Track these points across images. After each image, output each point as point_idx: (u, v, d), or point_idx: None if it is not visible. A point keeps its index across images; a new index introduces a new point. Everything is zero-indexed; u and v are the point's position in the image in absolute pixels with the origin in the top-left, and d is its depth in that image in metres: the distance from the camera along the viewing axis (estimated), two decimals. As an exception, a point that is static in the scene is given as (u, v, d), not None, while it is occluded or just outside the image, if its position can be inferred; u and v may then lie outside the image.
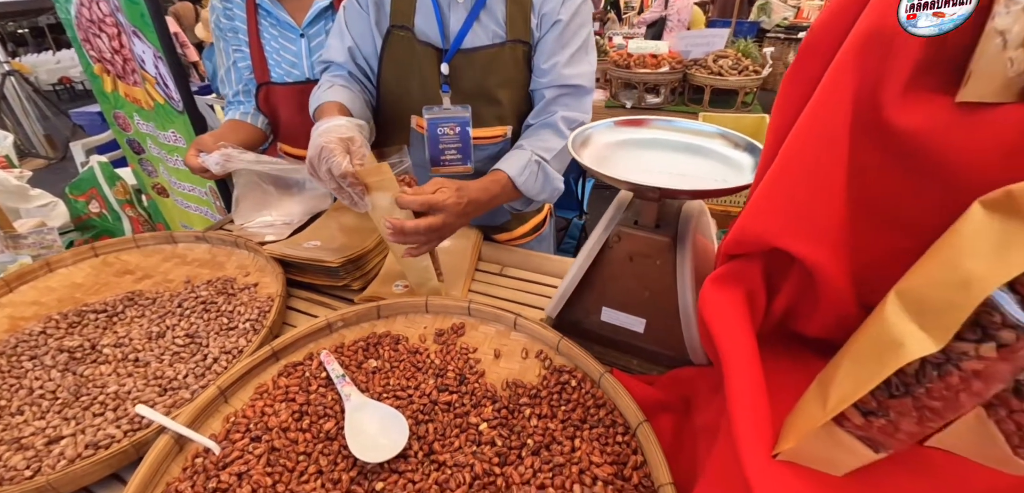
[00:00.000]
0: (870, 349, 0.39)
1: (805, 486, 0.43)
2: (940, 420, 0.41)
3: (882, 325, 0.39)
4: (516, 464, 0.73)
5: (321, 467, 0.73)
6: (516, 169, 1.11)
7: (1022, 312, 0.32)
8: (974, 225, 0.33)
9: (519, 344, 0.92)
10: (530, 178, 1.12)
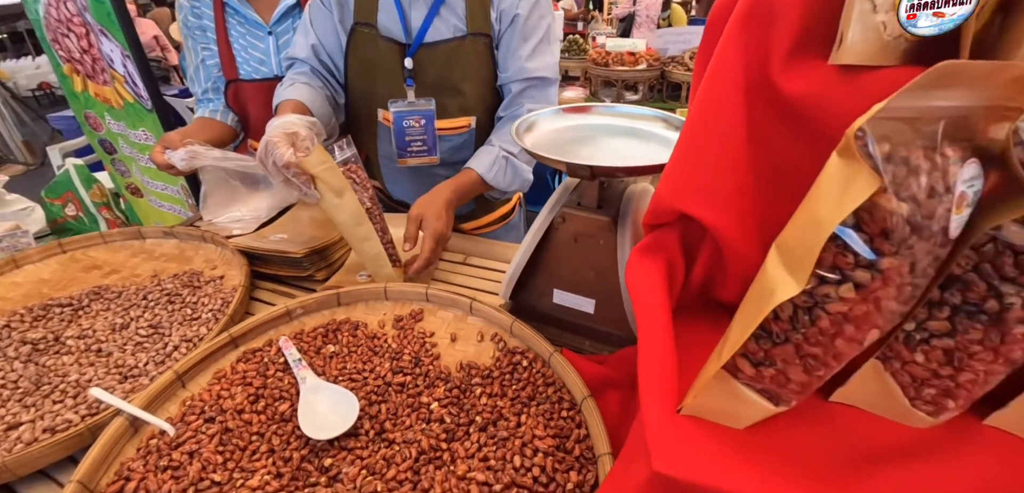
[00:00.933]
0: (753, 299, 0.42)
1: (705, 439, 0.45)
2: (826, 368, 0.43)
3: (762, 275, 0.41)
4: (463, 440, 0.75)
5: (273, 446, 0.75)
6: (485, 166, 1.18)
7: (868, 249, 0.34)
8: (828, 172, 0.35)
9: (475, 328, 0.95)
10: (499, 173, 1.19)
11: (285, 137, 0.90)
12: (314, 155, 0.90)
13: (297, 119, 0.94)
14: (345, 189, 0.94)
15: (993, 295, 0.40)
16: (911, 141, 0.33)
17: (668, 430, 0.44)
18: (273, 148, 0.88)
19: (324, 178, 0.91)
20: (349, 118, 1.30)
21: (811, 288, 0.37)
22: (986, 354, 0.43)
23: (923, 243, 0.35)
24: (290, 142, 0.91)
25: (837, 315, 0.38)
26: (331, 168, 0.91)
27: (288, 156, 0.88)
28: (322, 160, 0.90)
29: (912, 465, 0.46)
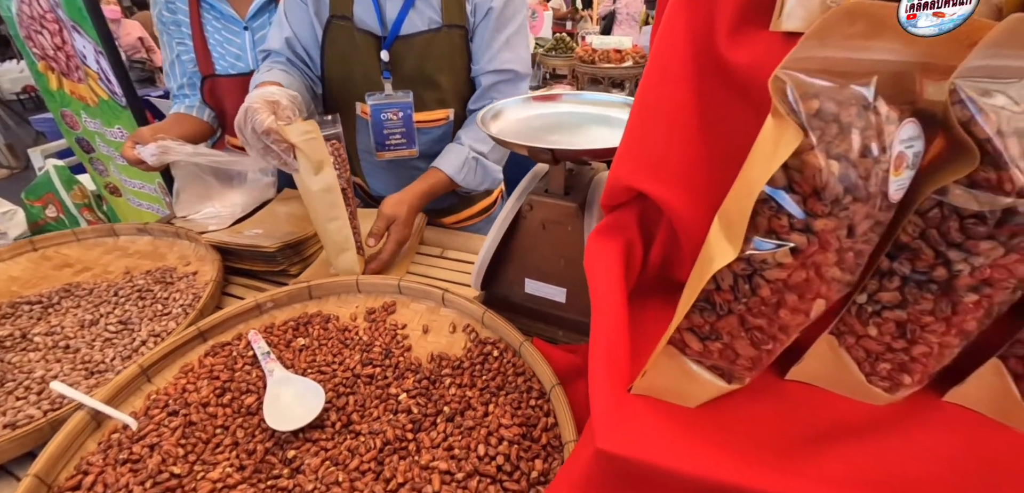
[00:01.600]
0: (697, 271, 0.41)
1: (653, 417, 0.44)
2: (774, 342, 0.42)
3: (705, 246, 0.40)
4: (429, 430, 0.74)
5: (237, 439, 0.74)
6: (454, 167, 1.18)
7: (800, 209, 0.33)
8: (762, 134, 0.34)
9: (448, 319, 0.94)
10: (469, 174, 1.19)
11: (266, 104, 0.89)
12: (297, 124, 0.88)
13: (276, 89, 0.93)
14: (325, 163, 0.92)
15: (941, 262, 0.39)
16: (843, 99, 0.32)
17: (614, 408, 0.43)
18: (253, 114, 0.86)
19: (305, 149, 0.89)
20: (327, 112, 1.29)
21: (748, 254, 0.36)
22: (938, 325, 0.42)
23: (860, 205, 0.34)
24: (271, 110, 0.89)
25: (777, 283, 0.37)
26: (313, 140, 0.89)
27: (268, 122, 0.86)
28: (305, 130, 0.88)
29: (868, 442, 0.45)
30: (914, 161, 0.36)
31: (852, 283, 0.40)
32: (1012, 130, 0.34)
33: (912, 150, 0.35)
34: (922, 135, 0.35)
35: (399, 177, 1.28)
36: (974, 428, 0.47)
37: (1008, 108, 0.34)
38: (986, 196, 0.36)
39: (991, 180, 0.35)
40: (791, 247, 0.34)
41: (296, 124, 0.88)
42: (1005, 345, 0.45)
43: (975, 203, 0.36)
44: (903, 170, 0.35)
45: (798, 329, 0.42)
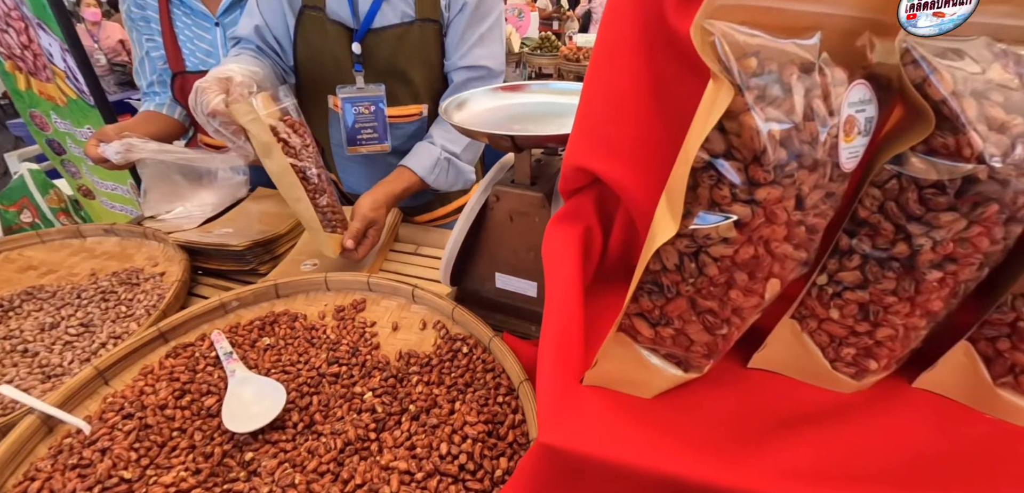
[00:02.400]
0: (644, 251, 0.38)
1: (604, 409, 0.42)
2: (729, 326, 0.40)
3: (652, 224, 0.38)
4: (393, 429, 0.72)
5: (195, 442, 0.71)
6: (425, 168, 1.16)
7: (739, 176, 0.31)
8: (703, 99, 0.32)
9: (418, 316, 0.91)
10: (441, 175, 1.17)
11: (216, 82, 0.84)
12: (242, 104, 0.82)
13: (234, 66, 0.89)
14: (272, 147, 0.87)
15: (902, 238, 0.37)
16: (785, 57, 0.30)
17: (562, 400, 0.41)
18: (202, 94, 0.82)
19: (253, 131, 0.84)
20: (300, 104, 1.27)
21: (692, 230, 0.33)
22: (902, 306, 0.40)
23: (807, 173, 0.31)
24: (222, 88, 0.84)
25: (724, 260, 0.35)
26: (255, 121, 0.83)
27: (215, 103, 0.81)
28: (248, 111, 0.82)
29: (832, 431, 0.43)
30: (867, 127, 0.33)
31: (808, 261, 0.38)
32: (969, 91, 0.32)
33: (864, 114, 0.33)
34: (874, 99, 0.33)
35: (372, 174, 1.26)
36: (944, 414, 0.45)
37: (964, 68, 0.32)
38: (945, 164, 0.34)
39: (949, 146, 0.33)
40: (734, 220, 0.32)
41: (242, 104, 0.83)
42: (973, 327, 0.43)
43: (934, 172, 0.34)
44: (855, 136, 0.32)
45: (754, 312, 0.39)
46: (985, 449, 0.42)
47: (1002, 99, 0.32)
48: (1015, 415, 0.44)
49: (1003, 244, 0.38)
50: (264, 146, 0.87)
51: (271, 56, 1.19)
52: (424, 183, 1.16)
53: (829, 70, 0.31)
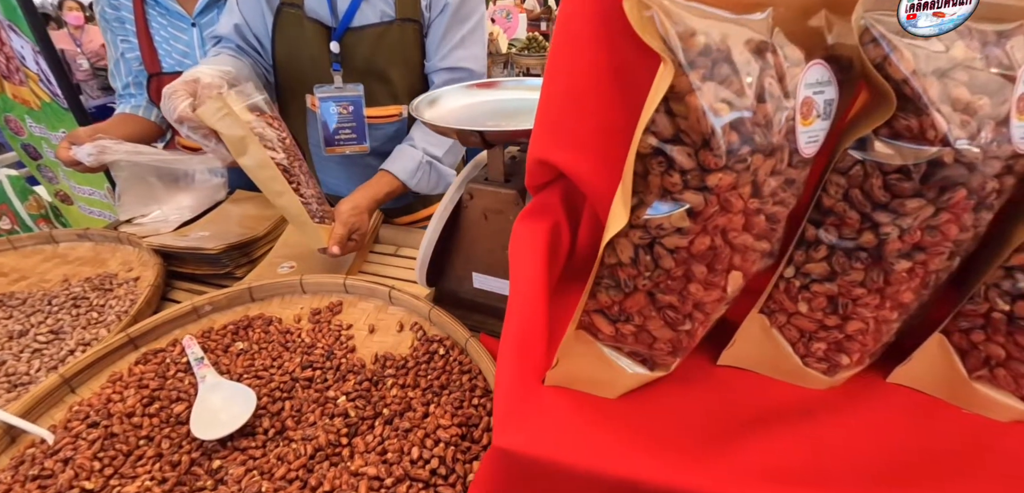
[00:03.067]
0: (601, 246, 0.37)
1: (564, 410, 0.40)
2: (692, 322, 0.38)
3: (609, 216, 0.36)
4: (365, 434, 0.70)
5: (162, 450, 0.69)
6: (407, 172, 1.14)
7: (690, 161, 0.29)
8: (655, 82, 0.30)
9: (396, 318, 0.89)
10: (423, 179, 1.16)
11: (184, 86, 0.82)
12: (210, 104, 0.79)
13: (203, 67, 0.86)
14: (248, 141, 0.83)
15: (868, 227, 0.36)
16: (734, 35, 0.28)
17: (520, 402, 0.39)
18: (169, 100, 0.79)
19: (222, 130, 0.80)
20: (279, 104, 1.25)
21: (645, 220, 0.32)
22: (871, 298, 0.38)
23: (763, 158, 0.30)
24: (189, 91, 0.82)
25: (680, 252, 0.33)
26: (227, 117, 0.80)
27: (182, 108, 0.78)
28: (218, 109, 0.79)
29: (802, 429, 0.41)
30: (826, 109, 0.32)
31: (773, 252, 0.37)
32: (931, 70, 0.31)
33: (823, 96, 0.31)
34: (834, 80, 0.31)
35: (352, 175, 1.24)
36: (919, 410, 0.43)
37: (927, 47, 0.31)
38: (909, 147, 0.32)
39: (913, 128, 0.32)
40: (687, 208, 0.30)
41: (209, 104, 0.80)
42: (947, 318, 0.41)
43: (898, 156, 0.33)
44: (813, 119, 0.31)
45: (718, 307, 0.38)
46: (961, 446, 0.41)
47: (967, 78, 0.31)
48: (992, 409, 0.42)
49: (973, 232, 0.36)
50: (237, 142, 0.84)
51: (251, 54, 1.17)
52: (406, 187, 1.14)
53: (783, 49, 0.29)
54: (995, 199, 0.35)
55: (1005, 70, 0.32)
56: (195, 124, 0.81)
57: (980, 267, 0.40)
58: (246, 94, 0.86)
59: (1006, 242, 0.38)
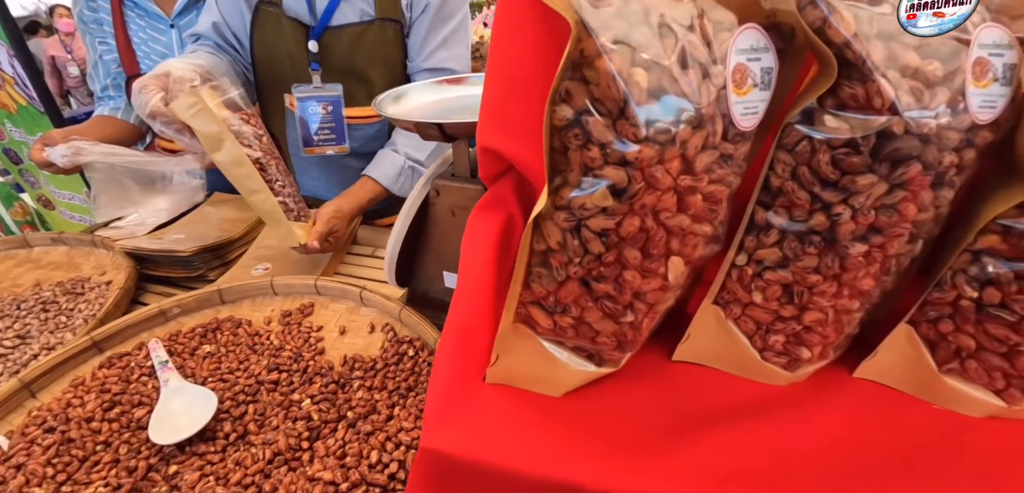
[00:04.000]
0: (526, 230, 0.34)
1: (504, 410, 0.38)
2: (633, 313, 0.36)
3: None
4: (327, 437, 0.68)
5: (119, 456, 0.67)
6: (389, 178, 1.13)
7: (606, 133, 0.27)
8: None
9: (367, 319, 0.87)
10: (405, 183, 1.14)
11: (154, 80, 0.80)
12: (183, 98, 0.78)
13: (174, 61, 0.85)
14: (222, 137, 0.82)
15: (819, 208, 0.33)
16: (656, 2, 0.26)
17: (455, 400, 0.37)
18: (141, 94, 0.78)
19: (196, 126, 0.78)
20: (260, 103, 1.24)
21: (568, 200, 0.29)
22: (828, 286, 0.36)
23: (691, 130, 0.27)
24: (161, 86, 0.80)
25: (608, 234, 0.30)
26: (202, 112, 0.78)
27: (154, 102, 0.77)
28: (191, 104, 0.77)
29: (760, 427, 0.39)
30: (765, 79, 0.29)
31: (717, 237, 0.34)
32: (876, 32, 0.28)
33: (759, 64, 0.29)
34: (772, 47, 0.29)
35: (331, 176, 1.22)
36: (887, 406, 0.40)
37: (871, 8, 0.28)
38: (856, 117, 0.30)
39: (859, 97, 0.29)
40: (608, 185, 0.28)
41: (182, 98, 0.78)
42: (913, 308, 0.39)
43: (846, 128, 0.30)
44: (749, 88, 0.28)
45: (661, 296, 0.35)
46: (930, 444, 0.38)
47: (916, 42, 0.29)
48: (964, 404, 0.40)
49: (934, 212, 0.34)
50: (212, 138, 0.81)
51: (230, 52, 1.16)
52: (388, 192, 1.13)
53: (711, 13, 0.27)
54: (956, 175, 0.33)
55: (959, 33, 0.29)
56: (168, 119, 0.79)
57: (947, 251, 0.37)
58: (221, 89, 0.84)
59: (971, 224, 0.35)
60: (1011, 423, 0.39)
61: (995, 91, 0.31)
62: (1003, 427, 0.39)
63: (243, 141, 0.86)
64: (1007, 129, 0.33)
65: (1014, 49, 0.31)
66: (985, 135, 0.32)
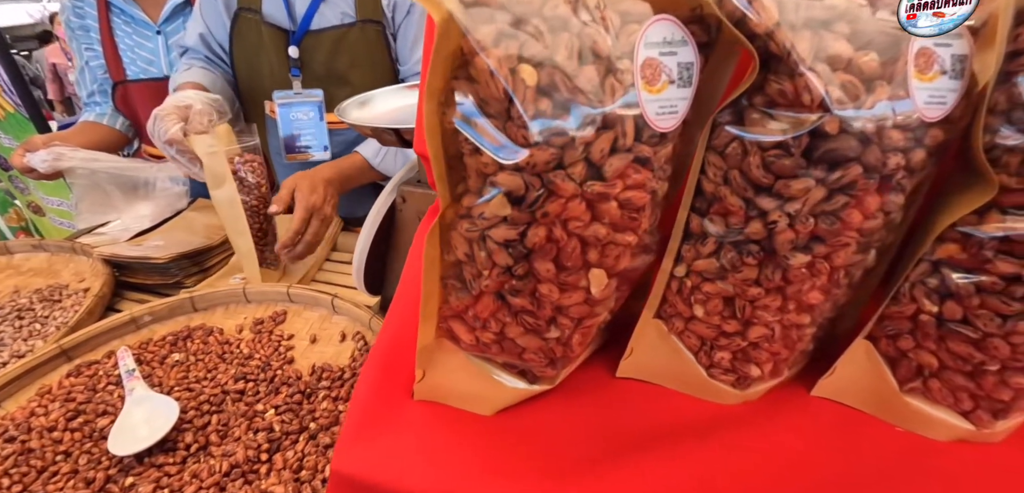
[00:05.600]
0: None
1: (428, 430, 0.36)
2: (557, 327, 0.33)
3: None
4: (287, 450, 0.66)
5: (78, 466, 0.66)
6: (372, 151, 1.10)
7: (501, 136, 0.24)
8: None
9: (339, 327, 0.86)
10: (388, 158, 1.11)
11: (176, 110, 0.84)
12: (203, 139, 0.85)
13: (194, 94, 0.87)
14: (226, 179, 0.88)
15: (755, 215, 0.30)
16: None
17: (374, 419, 0.35)
18: (160, 122, 0.82)
19: (208, 164, 0.86)
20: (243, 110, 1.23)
21: (468, 208, 0.27)
22: (771, 299, 0.33)
23: (596, 131, 0.25)
24: (181, 117, 0.84)
25: (513, 245, 0.28)
26: (217, 155, 0.86)
27: (173, 132, 0.82)
28: (210, 144, 0.85)
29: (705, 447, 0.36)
30: (683, 74, 0.27)
31: (645, 246, 0.32)
32: (803, 21, 0.25)
33: (675, 59, 0.26)
34: (691, 41, 0.26)
35: (315, 182, 1.21)
36: (845, 427, 0.37)
37: (796, -6, 0.25)
38: (787, 116, 0.27)
39: (787, 93, 0.27)
40: (502, 193, 0.25)
41: (203, 137, 0.86)
42: (871, 321, 0.36)
43: (777, 127, 0.27)
44: (663, 84, 0.26)
45: (587, 310, 0.33)
46: (890, 469, 0.35)
47: (849, 30, 0.26)
48: (928, 426, 0.36)
49: (884, 218, 0.31)
50: (218, 176, 0.88)
51: (220, 65, 1.16)
52: (371, 166, 1.10)
53: (619, 3, 0.25)
54: (905, 178, 0.30)
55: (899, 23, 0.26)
56: (183, 148, 0.85)
57: (906, 261, 0.34)
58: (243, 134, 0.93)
59: (928, 231, 0.32)
60: (980, 448, 0.36)
61: (943, 85, 0.28)
62: (971, 453, 0.36)
63: (244, 187, 0.92)
64: (963, 127, 0.30)
65: (963, 38, 0.28)
66: (936, 134, 0.29)
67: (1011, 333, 0.31)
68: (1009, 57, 0.28)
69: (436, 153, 0.25)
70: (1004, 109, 0.28)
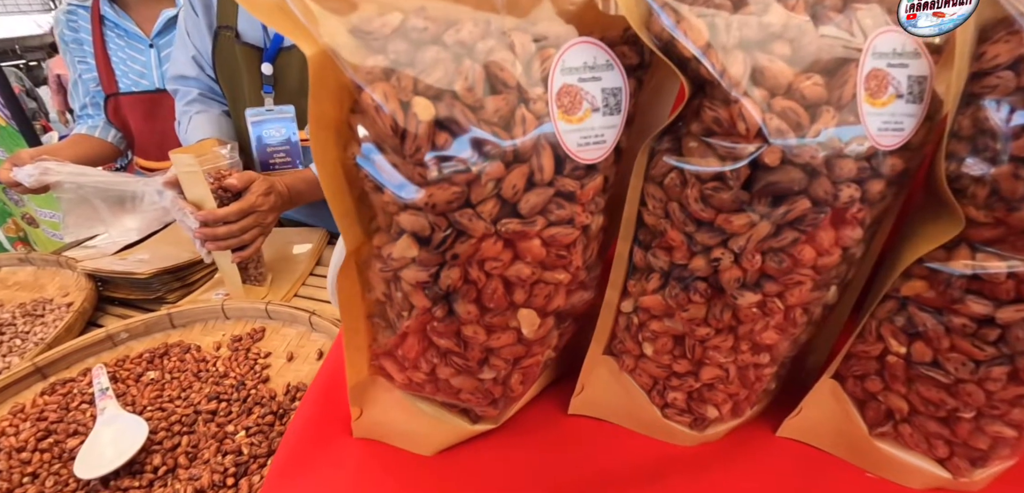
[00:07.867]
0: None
1: (364, 470, 0.33)
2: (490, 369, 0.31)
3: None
4: (254, 474, 0.64)
5: (45, 488, 0.65)
6: None
7: (397, 175, 0.22)
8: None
9: (317, 345, 0.84)
10: None
11: None
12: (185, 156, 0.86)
13: None
14: (205, 201, 0.89)
15: (698, 250, 0.28)
16: (453, 13, 0.22)
17: (305, 456, 0.33)
18: None
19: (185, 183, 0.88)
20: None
21: (378, 249, 0.25)
22: (722, 339, 0.30)
23: (505, 166, 0.23)
24: None
25: (426, 287, 0.26)
26: (194, 174, 0.86)
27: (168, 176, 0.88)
28: (189, 164, 0.86)
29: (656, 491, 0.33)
30: (610, 101, 0.24)
31: (581, 283, 0.29)
32: (736, 42, 0.23)
33: (599, 85, 0.24)
34: (618, 65, 0.24)
35: (295, 202, 1.19)
36: (810, 470, 0.35)
37: (729, 15, 0.23)
38: (723, 146, 0.25)
39: (723, 120, 0.24)
40: (410, 234, 0.23)
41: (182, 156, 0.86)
42: (836, 360, 0.33)
43: (713, 156, 0.25)
44: (585, 113, 0.24)
45: (521, 351, 0.30)
46: (857, 519, 0.32)
47: (788, 51, 0.23)
48: (900, 472, 0.34)
49: (841, 254, 0.28)
50: (198, 199, 0.89)
51: (215, 98, 1.16)
52: None
53: (533, 27, 0.22)
54: (862, 212, 0.27)
55: (847, 42, 0.24)
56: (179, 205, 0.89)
57: (872, 297, 0.32)
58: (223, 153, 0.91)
59: (894, 265, 0.29)
60: (957, 498, 0.33)
61: (899, 110, 0.25)
62: (947, 502, 0.33)
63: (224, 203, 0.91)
64: (927, 153, 0.28)
65: (921, 58, 0.25)
66: (894, 163, 0.26)
67: (985, 379, 0.28)
68: (973, 78, 0.25)
69: (335, 189, 0.23)
70: (969, 135, 0.26)
